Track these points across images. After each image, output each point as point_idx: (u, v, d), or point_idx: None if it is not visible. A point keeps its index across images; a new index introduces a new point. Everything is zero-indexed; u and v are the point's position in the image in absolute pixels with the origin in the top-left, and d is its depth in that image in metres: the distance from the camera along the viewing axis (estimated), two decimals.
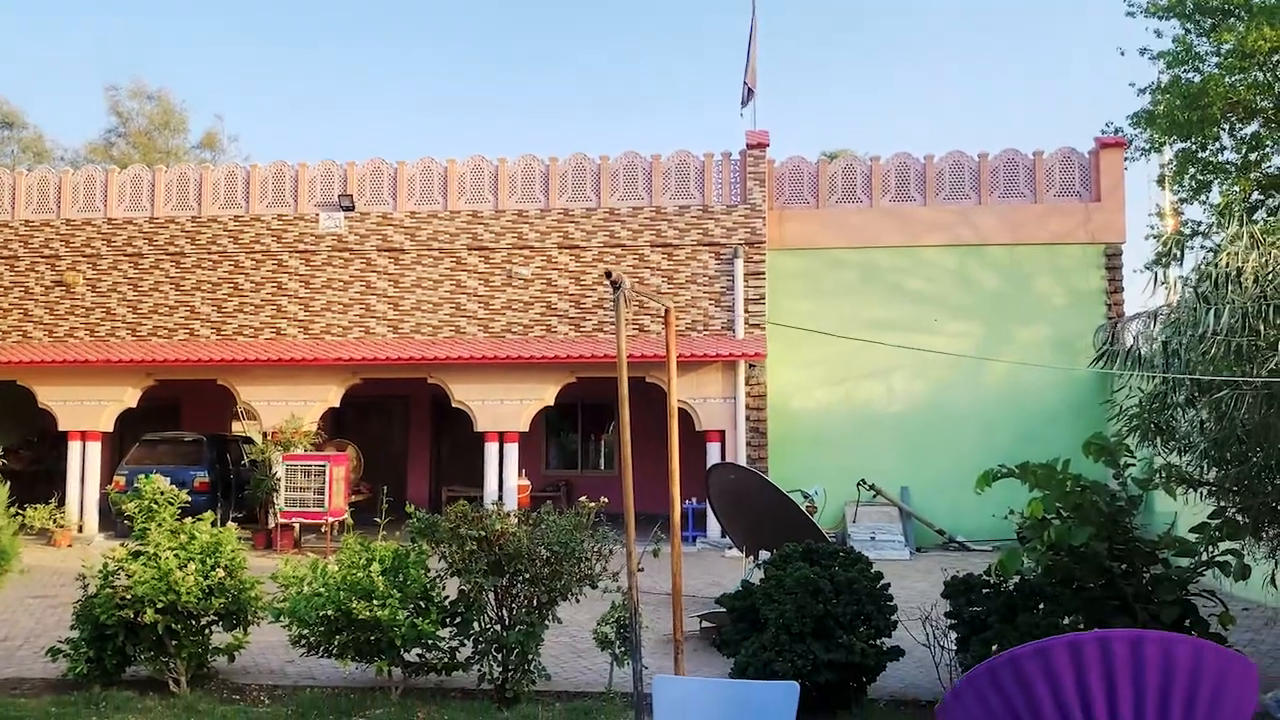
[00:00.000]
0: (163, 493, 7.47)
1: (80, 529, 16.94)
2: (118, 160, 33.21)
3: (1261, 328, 5.09)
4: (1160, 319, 6.52)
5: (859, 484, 16.57)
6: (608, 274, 4.76)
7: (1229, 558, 6.54)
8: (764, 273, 17.28)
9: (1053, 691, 1.34)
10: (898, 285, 17.46)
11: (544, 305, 17.69)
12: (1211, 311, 5.34)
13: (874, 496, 16.65)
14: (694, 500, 16.45)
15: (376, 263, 18.07)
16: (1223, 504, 6.31)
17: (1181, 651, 1.35)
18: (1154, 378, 6.06)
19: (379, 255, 18.07)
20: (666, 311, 5.75)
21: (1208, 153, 21.54)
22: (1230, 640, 6.87)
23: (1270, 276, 5.20)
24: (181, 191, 18.77)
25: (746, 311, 17.19)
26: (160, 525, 7.39)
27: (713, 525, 16.12)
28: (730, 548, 14.64)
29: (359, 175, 18.35)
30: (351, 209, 18.13)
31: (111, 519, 16.58)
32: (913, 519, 16.53)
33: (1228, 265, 5.40)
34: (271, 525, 15.94)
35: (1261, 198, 21.47)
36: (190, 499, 8.03)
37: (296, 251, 18.24)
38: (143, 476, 7.74)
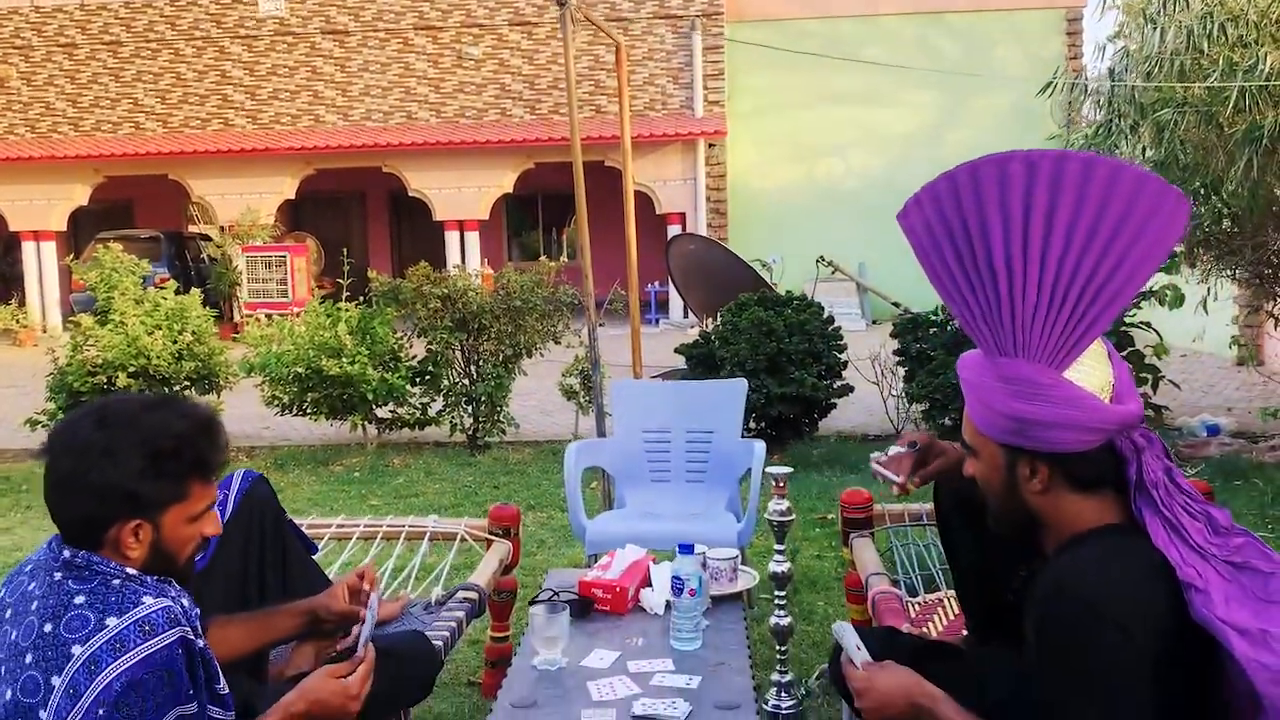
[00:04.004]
0: (123, 261, 7.48)
1: (44, 329, 16.94)
2: None
3: (1205, 45, 5.16)
4: (1110, 51, 6.57)
5: (818, 261, 16.79)
6: None
7: (1166, 291, 6.82)
8: (723, 46, 16.88)
9: (1001, 195, 1.49)
10: (858, 56, 17.14)
11: (497, 87, 17.27)
12: (1157, 31, 5.38)
13: (832, 273, 16.91)
14: (656, 284, 16.59)
15: (321, 47, 17.44)
16: None
17: (1127, 174, 1.51)
18: (1104, 106, 6.14)
19: (323, 38, 17.42)
20: (618, 49, 5.69)
21: None
22: (1162, 373, 7.26)
23: None
24: None
25: (705, 89, 16.91)
26: (124, 294, 7.45)
27: (675, 307, 16.36)
28: (693, 326, 14.94)
29: None
30: None
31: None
32: (869, 293, 16.87)
33: None
34: (237, 318, 16.00)
35: None
36: None
37: (238, 37, 17.54)
38: (101, 248, 7.73)
